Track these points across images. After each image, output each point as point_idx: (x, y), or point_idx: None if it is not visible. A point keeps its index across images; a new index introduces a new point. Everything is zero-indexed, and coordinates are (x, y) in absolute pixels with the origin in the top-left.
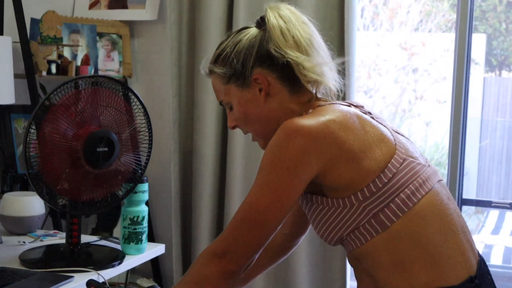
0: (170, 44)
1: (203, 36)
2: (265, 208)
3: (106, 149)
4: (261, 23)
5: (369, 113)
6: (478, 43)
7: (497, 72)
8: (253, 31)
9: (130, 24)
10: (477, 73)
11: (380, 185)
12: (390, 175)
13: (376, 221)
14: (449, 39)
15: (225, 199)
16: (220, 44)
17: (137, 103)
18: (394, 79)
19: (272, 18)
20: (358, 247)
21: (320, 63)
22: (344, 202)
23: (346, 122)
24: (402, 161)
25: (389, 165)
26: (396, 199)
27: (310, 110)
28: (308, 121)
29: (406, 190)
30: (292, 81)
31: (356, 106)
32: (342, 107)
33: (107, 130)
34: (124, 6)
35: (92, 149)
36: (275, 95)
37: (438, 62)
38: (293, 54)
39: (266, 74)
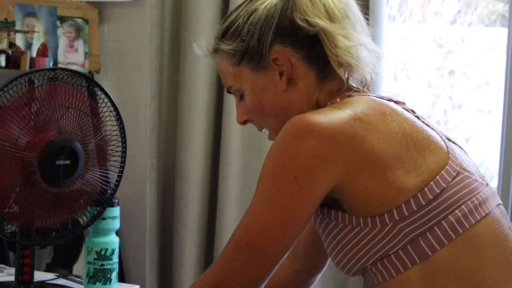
0: (149, 32)
1: (191, 22)
2: (267, 230)
3: (67, 162)
4: None
5: (413, 111)
6: None
7: None
8: None
9: (99, 6)
10: None
11: (424, 203)
12: (438, 191)
13: (413, 248)
14: (493, 35)
15: (215, 229)
16: (229, 15)
17: (107, 103)
18: (427, 83)
19: None
20: (385, 280)
21: (358, 42)
22: (373, 221)
23: (377, 120)
24: (455, 174)
25: (437, 177)
26: (443, 221)
27: (337, 100)
28: (325, 117)
29: (457, 211)
30: (322, 63)
31: (396, 102)
32: (375, 100)
33: (70, 138)
34: None
35: (50, 162)
36: (299, 81)
37: (480, 63)
38: (324, 24)
39: (289, 54)
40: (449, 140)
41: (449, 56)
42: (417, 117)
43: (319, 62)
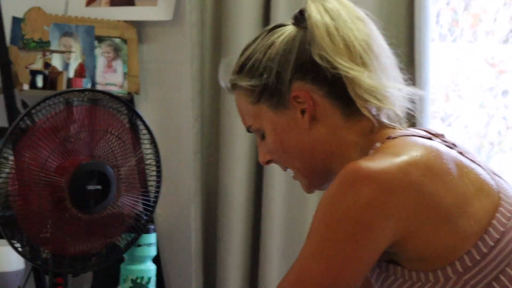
0: (190, 52)
1: (232, 41)
2: (318, 286)
3: (99, 187)
4: (301, 19)
5: (454, 145)
6: None
7: None
8: (290, 30)
9: (138, 25)
10: None
11: (486, 251)
12: (498, 236)
13: None
14: None
15: (259, 254)
16: (245, 49)
17: (140, 126)
18: (479, 104)
19: (315, 13)
20: None
21: (383, 79)
22: (436, 276)
23: (432, 164)
24: (510, 215)
25: (494, 221)
26: (507, 268)
27: (377, 144)
28: (380, 163)
29: None
30: (347, 99)
31: (435, 135)
32: (423, 141)
33: (101, 162)
34: (131, 3)
35: (81, 187)
36: (323, 119)
37: None
38: (345, 65)
39: (311, 90)
40: (495, 174)
41: (502, 76)
42: (460, 152)
43: (343, 98)
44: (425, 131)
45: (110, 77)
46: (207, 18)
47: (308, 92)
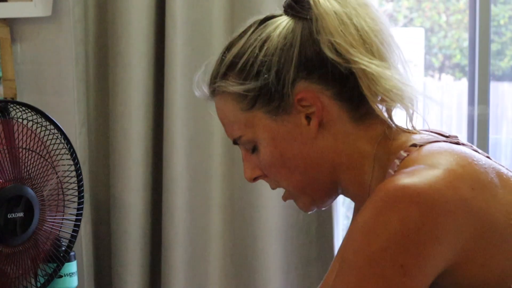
0: (73, 50)
1: (121, 37)
2: None
3: (21, 214)
4: (299, 8)
5: (476, 151)
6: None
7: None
8: (286, 22)
9: (11, 23)
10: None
11: None
12: None
13: None
14: None
15: (161, 269)
16: (230, 45)
17: (52, 130)
18: None
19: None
20: None
21: (402, 74)
22: None
23: (478, 175)
24: None
25: None
26: None
27: (403, 153)
28: (423, 179)
29: None
30: (357, 100)
31: (450, 137)
32: (458, 149)
33: (20, 185)
34: None
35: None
36: (331, 125)
37: None
38: (363, 58)
39: (317, 91)
40: None
41: None
42: (488, 157)
43: (353, 99)
44: (436, 132)
45: None
46: (91, 12)
47: (315, 93)
